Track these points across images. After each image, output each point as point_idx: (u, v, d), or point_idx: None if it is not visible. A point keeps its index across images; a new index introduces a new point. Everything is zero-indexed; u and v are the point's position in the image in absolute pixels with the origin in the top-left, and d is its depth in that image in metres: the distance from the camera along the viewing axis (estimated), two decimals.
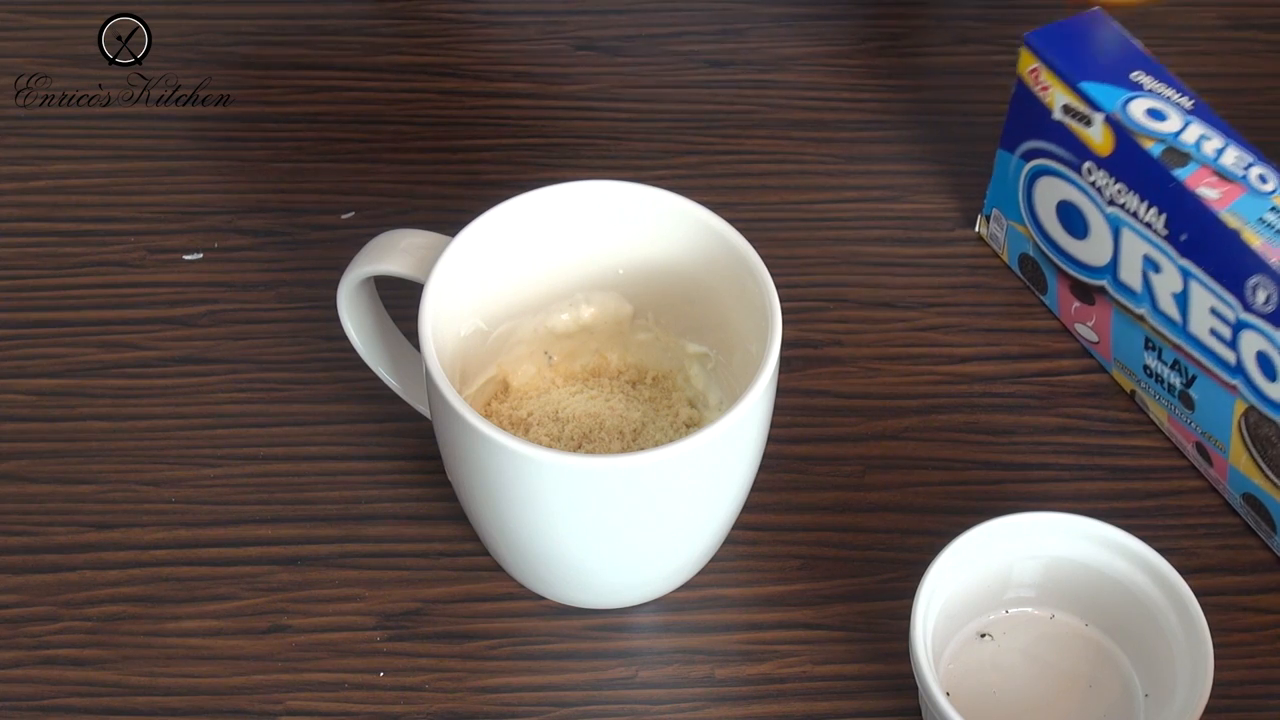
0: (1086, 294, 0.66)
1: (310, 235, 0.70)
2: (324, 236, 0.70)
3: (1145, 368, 0.64)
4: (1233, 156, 0.60)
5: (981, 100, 0.76)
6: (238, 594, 0.59)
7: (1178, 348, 0.62)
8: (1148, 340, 0.63)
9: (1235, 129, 0.61)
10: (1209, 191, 0.59)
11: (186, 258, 0.69)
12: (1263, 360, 0.58)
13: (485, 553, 0.60)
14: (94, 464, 0.62)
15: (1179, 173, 0.59)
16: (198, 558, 0.60)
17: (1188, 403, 0.62)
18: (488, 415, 0.60)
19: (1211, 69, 0.77)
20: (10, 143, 0.73)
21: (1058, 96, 0.63)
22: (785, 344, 0.55)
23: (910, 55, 0.78)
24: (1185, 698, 0.53)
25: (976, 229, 0.71)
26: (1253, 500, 0.61)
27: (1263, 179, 0.59)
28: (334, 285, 0.58)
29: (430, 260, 0.55)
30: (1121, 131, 0.61)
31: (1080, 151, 0.63)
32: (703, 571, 0.60)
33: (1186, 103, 0.61)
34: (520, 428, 0.60)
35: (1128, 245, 0.63)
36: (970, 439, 0.64)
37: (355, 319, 0.59)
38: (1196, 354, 0.61)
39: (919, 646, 0.53)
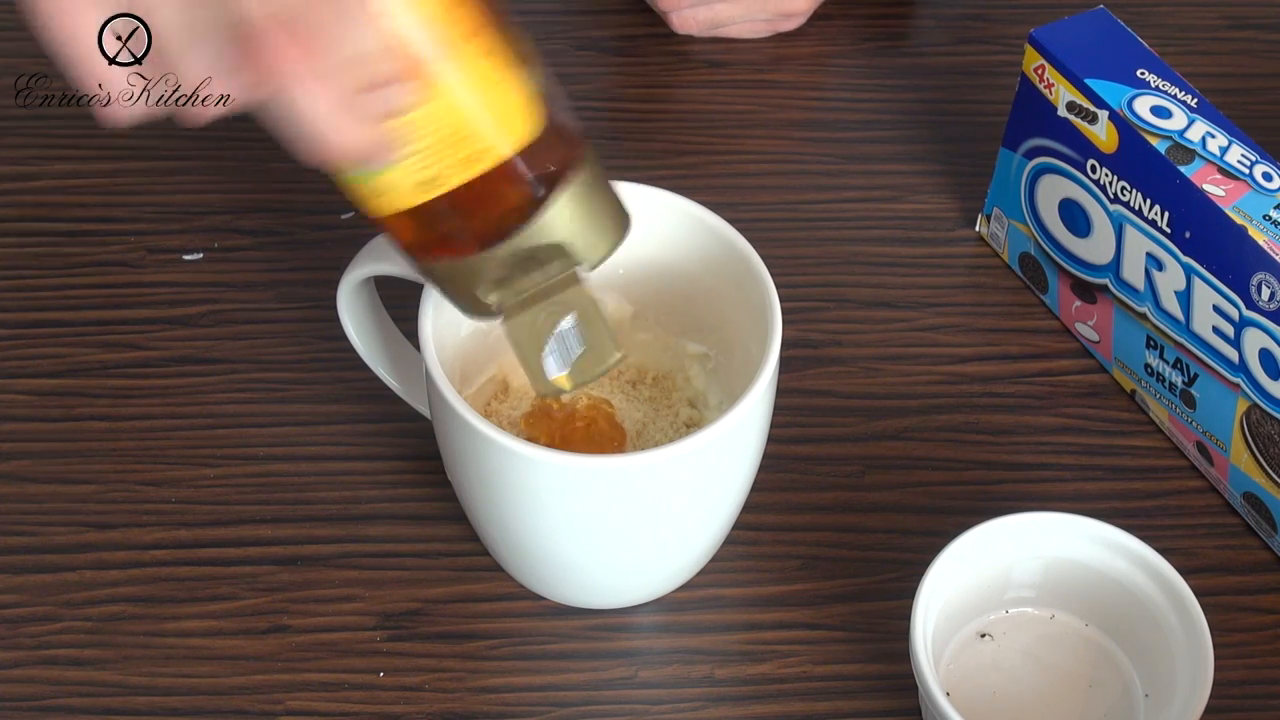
0: (1088, 293, 0.66)
1: (310, 235, 0.70)
2: (324, 236, 0.70)
3: (1147, 366, 0.64)
4: (1237, 154, 0.60)
5: (982, 100, 0.76)
6: (238, 594, 0.59)
7: (1180, 346, 0.62)
8: (1149, 339, 0.63)
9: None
10: (1214, 188, 0.59)
11: (186, 258, 0.69)
12: (1265, 358, 0.58)
13: (485, 553, 0.60)
14: (94, 464, 0.62)
15: (1184, 169, 0.59)
16: (198, 558, 0.60)
17: (1189, 401, 0.62)
18: (488, 415, 0.60)
19: (1211, 69, 0.77)
20: (10, 143, 0.73)
21: (1062, 93, 0.63)
22: (785, 344, 0.55)
23: (910, 55, 0.78)
24: (1185, 698, 0.53)
25: (977, 228, 0.71)
26: (1253, 499, 0.61)
27: (1267, 176, 0.59)
28: (334, 285, 0.58)
29: None
30: (1126, 128, 0.61)
31: (1084, 149, 0.63)
32: (703, 571, 0.60)
33: (1191, 100, 0.61)
34: (520, 428, 0.60)
35: (1131, 243, 0.62)
36: (970, 439, 0.64)
37: (355, 319, 0.59)
38: (1199, 352, 0.61)
39: (919, 646, 0.53)
